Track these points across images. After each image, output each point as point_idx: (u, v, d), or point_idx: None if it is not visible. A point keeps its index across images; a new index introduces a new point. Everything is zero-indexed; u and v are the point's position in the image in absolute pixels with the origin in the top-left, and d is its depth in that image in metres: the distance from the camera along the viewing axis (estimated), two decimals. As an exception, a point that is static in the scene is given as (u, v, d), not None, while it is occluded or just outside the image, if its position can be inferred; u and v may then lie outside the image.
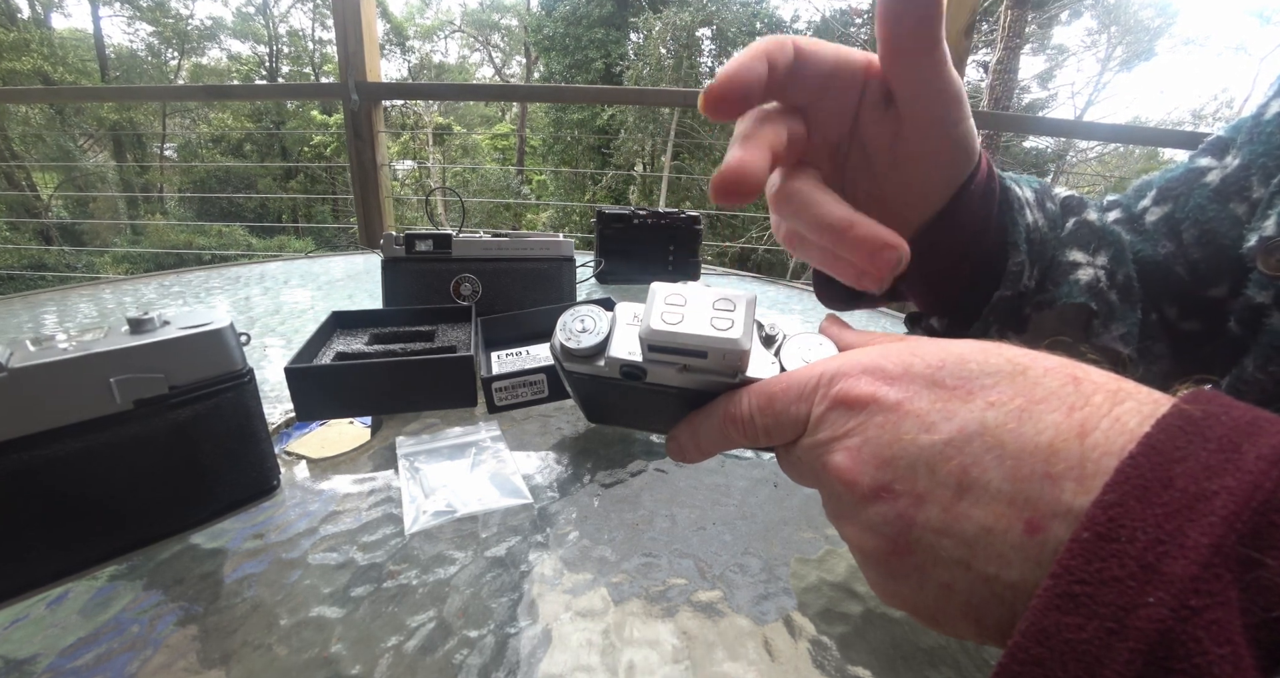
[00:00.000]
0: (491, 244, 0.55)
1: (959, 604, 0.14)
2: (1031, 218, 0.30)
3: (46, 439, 0.23)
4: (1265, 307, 0.26)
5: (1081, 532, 0.12)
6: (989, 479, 0.14)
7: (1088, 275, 0.30)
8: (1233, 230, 0.29)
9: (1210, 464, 0.11)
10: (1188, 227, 0.30)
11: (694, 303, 0.20)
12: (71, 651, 0.23)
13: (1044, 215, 0.31)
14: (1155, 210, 0.32)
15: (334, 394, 0.39)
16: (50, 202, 8.36)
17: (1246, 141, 0.29)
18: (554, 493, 0.34)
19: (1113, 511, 0.12)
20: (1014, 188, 0.30)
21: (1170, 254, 0.31)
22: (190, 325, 0.26)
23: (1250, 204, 0.28)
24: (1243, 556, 0.10)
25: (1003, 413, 0.14)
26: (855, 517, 0.16)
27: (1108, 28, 9.99)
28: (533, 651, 0.24)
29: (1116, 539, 0.11)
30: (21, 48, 8.05)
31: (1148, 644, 0.10)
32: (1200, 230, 0.30)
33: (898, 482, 0.15)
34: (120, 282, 0.78)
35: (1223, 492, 0.11)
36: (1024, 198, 0.30)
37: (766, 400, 0.19)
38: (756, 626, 0.25)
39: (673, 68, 8.71)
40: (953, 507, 0.14)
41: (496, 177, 9.20)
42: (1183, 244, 0.31)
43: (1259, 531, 0.11)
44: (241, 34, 11.58)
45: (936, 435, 0.15)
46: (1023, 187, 0.31)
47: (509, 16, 12.64)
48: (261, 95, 6.86)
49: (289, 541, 0.29)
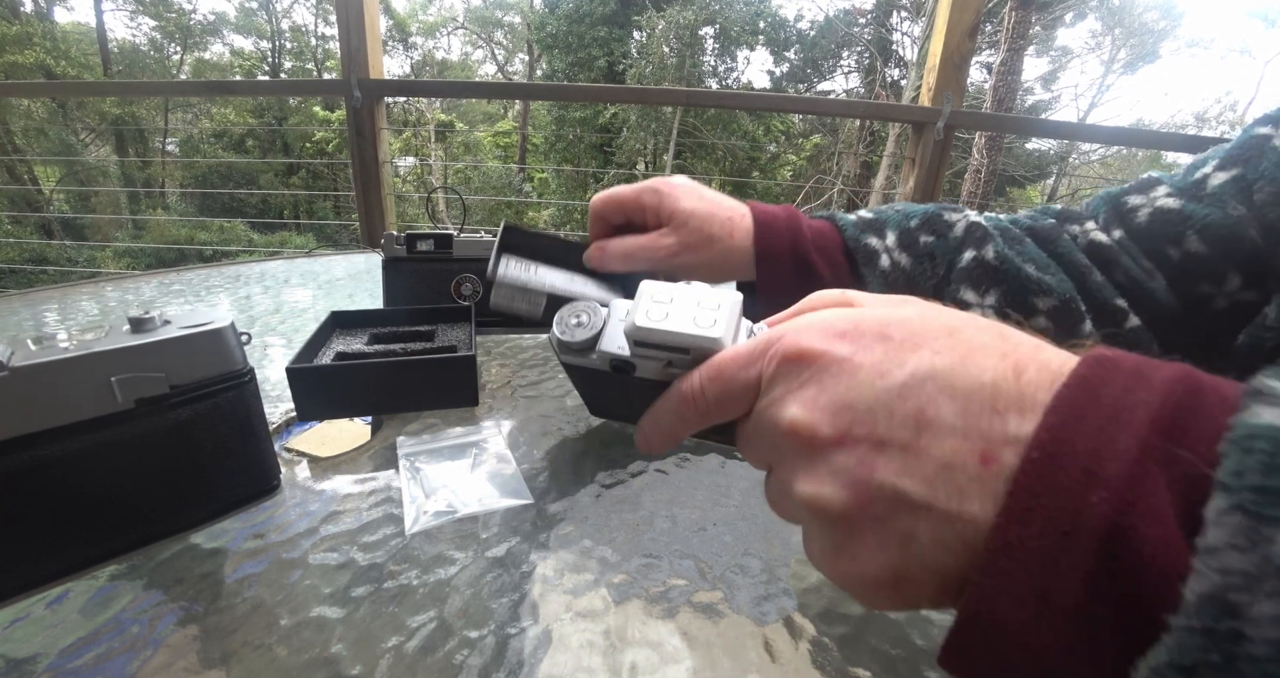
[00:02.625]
0: (492, 244, 0.55)
1: (920, 558, 0.15)
2: (887, 262, 0.36)
3: (47, 438, 0.23)
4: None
5: (1031, 452, 0.13)
6: (944, 417, 0.15)
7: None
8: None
9: (1128, 386, 0.13)
10: (1261, 186, 0.30)
11: (680, 301, 0.21)
12: (71, 650, 0.23)
13: (910, 254, 0.36)
14: (1219, 175, 0.32)
15: (335, 394, 0.39)
16: (52, 196, 8.36)
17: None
18: (554, 493, 0.34)
19: (1055, 432, 0.13)
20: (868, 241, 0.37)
21: (1243, 217, 0.31)
22: (191, 325, 0.26)
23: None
24: (1165, 452, 0.12)
25: (949, 358, 0.15)
26: (814, 469, 0.16)
27: (1112, 30, 9.97)
28: (533, 651, 0.24)
29: (1061, 454, 0.13)
30: (24, 41, 8.05)
31: (1097, 539, 0.12)
32: (1277, 188, 0.30)
33: (856, 426, 0.15)
34: (121, 279, 0.78)
35: (1140, 405, 0.13)
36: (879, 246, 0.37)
37: (715, 371, 0.19)
38: (757, 626, 0.25)
39: (675, 66, 8.69)
40: (912, 446, 0.15)
41: (498, 174, 9.20)
42: (1256, 206, 0.30)
43: (1173, 431, 0.12)
44: (244, 29, 11.57)
45: (891, 380, 0.15)
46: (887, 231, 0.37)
47: (512, 14, 12.62)
48: (264, 91, 6.85)
49: (289, 540, 0.29)
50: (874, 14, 9.74)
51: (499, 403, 0.44)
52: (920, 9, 8.21)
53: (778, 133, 9.59)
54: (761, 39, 10.11)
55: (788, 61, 10.57)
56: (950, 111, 1.40)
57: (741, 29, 9.56)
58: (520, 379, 0.48)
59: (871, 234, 0.37)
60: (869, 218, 0.38)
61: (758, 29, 9.94)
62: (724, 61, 10.33)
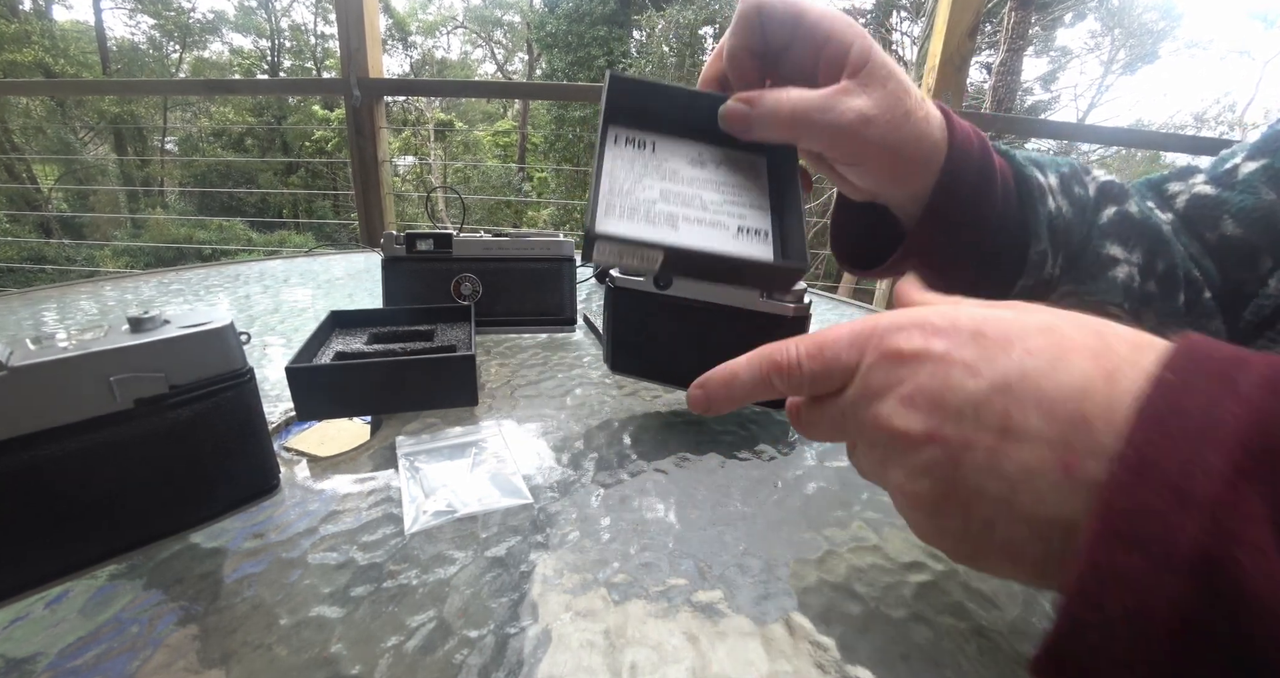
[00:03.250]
0: (492, 244, 0.55)
1: (999, 541, 0.15)
2: (1054, 205, 0.31)
3: (46, 438, 0.23)
4: None
5: (1118, 469, 0.13)
6: (1029, 421, 0.15)
7: (1124, 273, 0.31)
8: None
9: (1213, 395, 0.13)
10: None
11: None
12: (71, 650, 0.23)
13: (1070, 201, 0.31)
14: (1249, 164, 0.32)
15: (335, 394, 0.39)
16: (50, 194, 8.35)
17: None
18: (554, 493, 0.34)
19: (1142, 447, 0.13)
20: (1035, 175, 0.31)
21: (1274, 202, 0.31)
22: (191, 324, 0.26)
23: None
24: (1260, 473, 0.11)
25: (1040, 360, 0.15)
26: (904, 462, 0.17)
27: (1111, 30, 9.98)
28: (533, 651, 0.24)
29: (1149, 474, 0.12)
30: (23, 40, 8.03)
31: (1192, 568, 0.11)
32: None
33: (946, 425, 0.16)
34: (120, 279, 0.78)
35: (1230, 419, 0.12)
36: (1046, 185, 0.31)
37: (816, 348, 0.20)
38: (757, 626, 0.25)
39: (675, 66, 8.69)
40: (997, 448, 0.15)
41: (498, 173, 9.20)
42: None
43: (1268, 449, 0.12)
44: (243, 28, 11.56)
45: (981, 381, 0.16)
46: (1047, 172, 0.32)
47: (511, 13, 12.61)
48: (263, 90, 6.84)
49: (289, 540, 0.29)
50: (873, 14, 9.75)
51: (499, 403, 0.44)
52: (920, 9, 8.21)
53: (777, 132, 9.54)
54: (761, 38, 10.09)
55: (787, 61, 10.55)
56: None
57: (741, 28, 9.54)
58: (520, 379, 0.48)
59: (1035, 169, 0.31)
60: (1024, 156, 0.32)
61: (757, 28, 9.93)
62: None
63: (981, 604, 0.27)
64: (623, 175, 0.27)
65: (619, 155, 0.27)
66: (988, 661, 0.24)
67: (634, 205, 0.26)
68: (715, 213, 0.27)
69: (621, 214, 0.25)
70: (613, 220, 0.25)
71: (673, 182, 0.27)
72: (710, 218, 0.26)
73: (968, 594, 0.27)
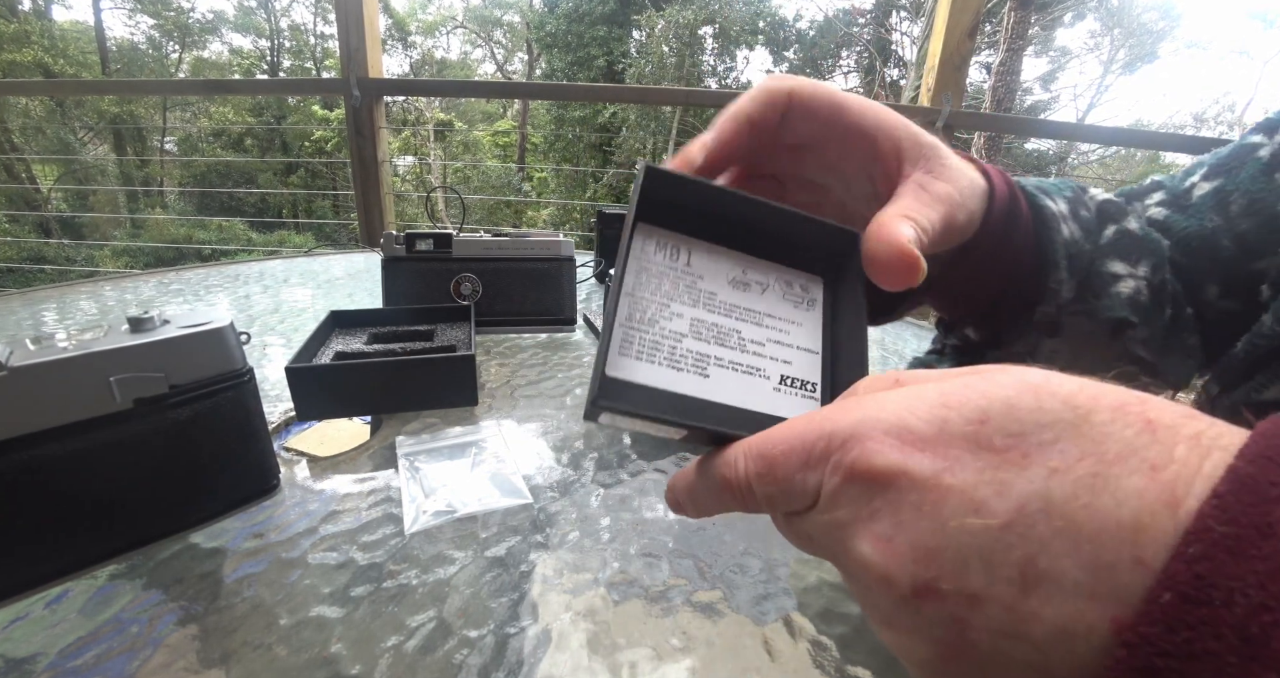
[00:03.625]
0: (492, 244, 0.55)
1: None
2: (1068, 232, 0.30)
3: (46, 438, 0.23)
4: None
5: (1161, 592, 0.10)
6: (1063, 570, 0.11)
7: (1129, 288, 0.30)
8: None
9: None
10: (1237, 198, 0.30)
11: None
12: (71, 650, 0.23)
13: (1079, 226, 0.31)
14: (1204, 185, 0.32)
15: (335, 394, 0.39)
16: (50, 194, 8.35)
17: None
18: (554, 493, 0.34)
19: (1199, 565, 0.10)
20: (1048, 204, 0.30)
21: (1217, 228, 0.31)
22: (190, 324, 0.26)
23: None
24: None
25: (1071, 482, 0.11)
26: (893, 620, 0.13)
27: (1111, 30, 9.98)
28: (533, 651, 0.24)
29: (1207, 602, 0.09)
30: (22, 40, 8.03)
31: None
32: (1249, 201, 0.30)
33: (944, 580, 0.12)
34: (120, 279, 0.78)
35: None
36: (1058, 212, 0.30)
37: (765, 466, 0.16)
38: (756, 626, 0.25)
39: (675, 66, 8.69)
40: (1019, 606, 0.11)
41: (498, 173, 9.20)
42: (1230, 217, 0.31)
43: None
44: (243, 28, 11.55)
45: (990, 518, 0.12)
46: (1056, 199, 0.31)
47: (511, 13, 12.61)
48: (263, 90, 6.84)
49: (289, 540, 0.29)
50: (873, 14, 9.75)
51: (498, 402, 0.44)
52: (919, 9, 8.21)
53: (777, 132, 9.55)
54: (761, 39, 10.11)
55: (787, 61, 10.57)
56: (949, 112, 1.40)
57: (741, 29, 9.56)
58: (520, 379, 0.48)
59: (1045, 198, 0.30)
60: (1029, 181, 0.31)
61: (757, 29, 9.94)
62: (723, 61, 10.33)
63: (981, 604, 0.27)
64: (648, 295, 0.22)
65: (646, 266, 0.22)
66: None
67: (657, 340, 0.21)
68: (756, 356, 0.22)
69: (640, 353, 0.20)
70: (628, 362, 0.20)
71: (708, 309, 0.22)
72: (749, 362, 0.21)
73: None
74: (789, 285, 0.23)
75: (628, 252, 0.21)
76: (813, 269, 0.24)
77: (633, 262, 0.22)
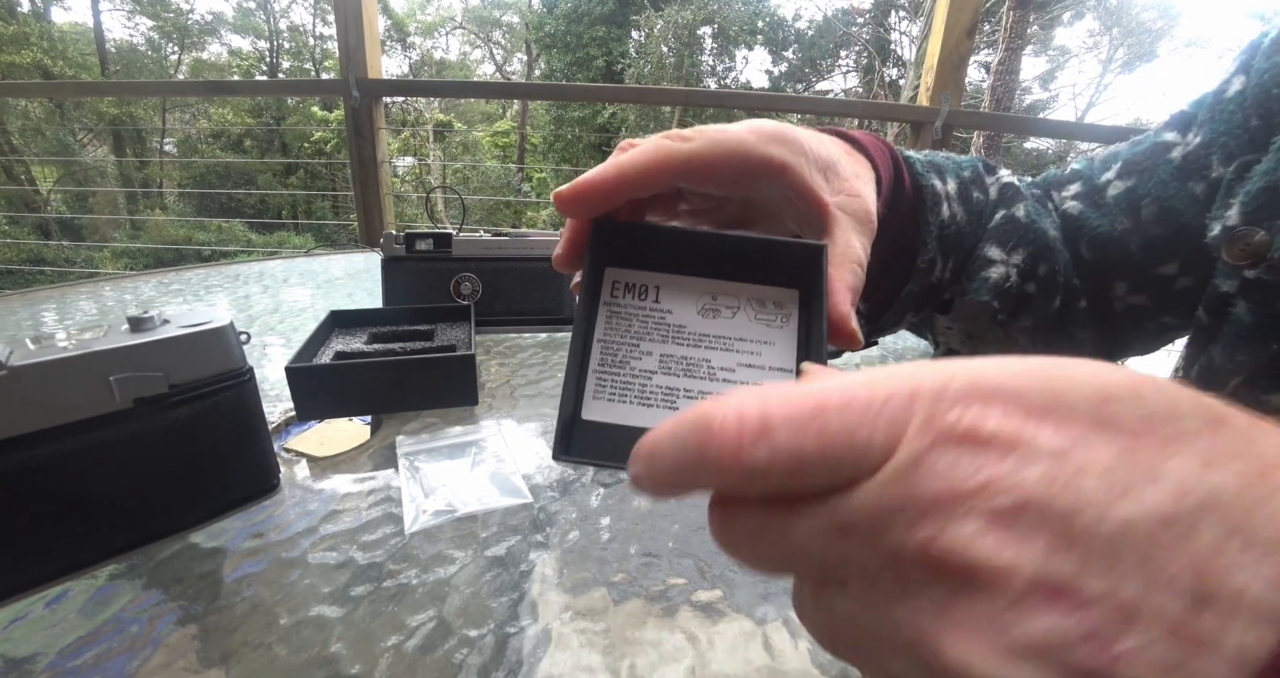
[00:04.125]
0: (492, 243, 0.55)
1: None
2: (948, 213, 0.30)
3: (46, 438, 0.23)
4: (1230, 296, 0.26)
5: None
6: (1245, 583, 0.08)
7: (998, 273, 0.30)
8: (1190, 209, 0.29)
9: None
10: (1148, 203, 0.31)
11: None
12: (71, 650, 0.23)
13: (965, 208, 0.31)
14: (1119, 184, 0.33)
15: (335, 393, 0.39)
16: (50, 196, 8.35)
17: (1208, 119, 0.29)
18: (554, 493, 0.34)
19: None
20: (933, 183, 0.30)
21: (1126, 230, 0.31)
22: (190, 324, 0.26)
23: (1209, 184, 0.28)
24: None
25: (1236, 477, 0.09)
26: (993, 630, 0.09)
27: (1110, 29, 9.98)
28: (533, 650, 0.24)
29: None
30: (21, 41, 8.02)
31: None
32: (1160, 207, 0.30)
33: (1088, 578, 0.09)
34: (120, 279, 0.78)
35: None
36: (942, 192, 0.30)
37: (809, 411, 0.11)
38: (756, 625, 0.25)
39: (674, 66, 8.70)
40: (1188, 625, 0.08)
41: (497, 174, 9.20)
42: (1140, 221, 0.31)
43: None
44: (242, 29, 11.56)
45: (1140, 504, 0.09)
46: (947, 178, 0.31)
47: (510, 13, 12.62)
48: (262, 91, 6.84)
49: (289, 540, 0.29)
50: (872, 13, 9.75)
51: (498, 402, 0.44)
52: (918, 8, 8.21)
53: (776, 132, 9.55)
54: (760, 39, 10.12)
55: (786, 61, 10.58)
56: (948, 111, 1.40)
57: (740, 29, 9.56)
58: (519, 378, 0.48)
59: (935, 175, 0.30)
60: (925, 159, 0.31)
61: (756, 28, 9.94)
62: (722, 61, 10.34)
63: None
64: (618, 338, 0.22)
65: (616, 311, 0.22)
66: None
67: (628, 381, 0.22)
68: (725, 382, 0.22)
69: (612, 395, 0.21)
70: (600, 404, 0.21)
71: (677, 343, 0.22)
72: (717, 390, 0.21)
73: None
74: (761, 304, 0.23)
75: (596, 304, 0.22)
76: (786, 283, 0.23)
77: (603, 307, 0.22)
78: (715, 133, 0.21)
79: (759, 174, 0.22)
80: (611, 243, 0.22)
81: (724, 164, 0.21)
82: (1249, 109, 0.27)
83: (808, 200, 0.23)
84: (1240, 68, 0.29)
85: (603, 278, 0.23)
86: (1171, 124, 0.32)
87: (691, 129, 0.21)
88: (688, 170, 0.21)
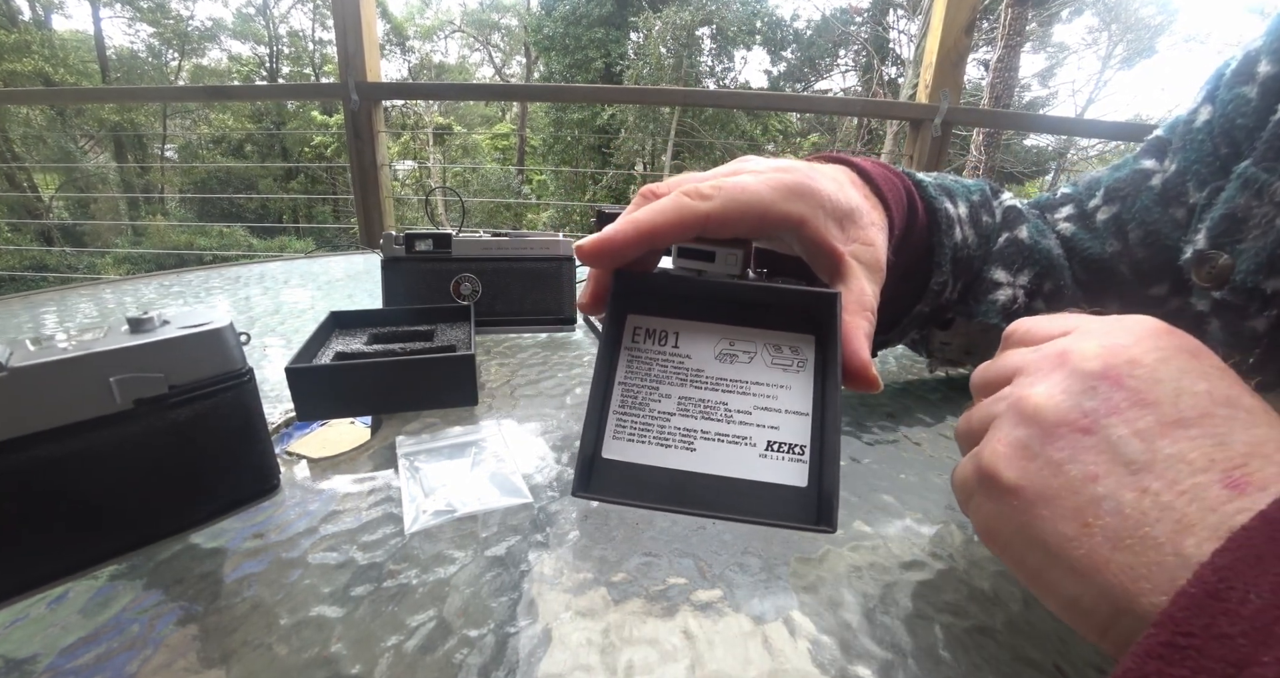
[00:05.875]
0: (491, 244, 0.55)
1: (1103, 536, 0.15)
2: (960, 236, 0.32)
3: (46, 439, 0.23)
4: (1205, 315, 0.28)
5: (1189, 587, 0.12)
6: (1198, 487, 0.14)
7: (1005, 296, 0.32)
8: (1174, 232, 0.30)
9: None
10: (1134, 228, 0.32)
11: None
12: (71, 650, 0.23)
13: (976, 231, 0.33)
14: (1105, 209, 0.34)
15: (335, 394, 0.39)
16: (51, 203, 8.37)
17: (1180, 148, 0.31)
18: (554, 493, 0.34)
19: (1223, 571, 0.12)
20: (946, 207, 0.31)
21: (1116, 253, 0.33)
22: (190, 325, 0.26)
23: (1188, 208, 0.30)
24: None
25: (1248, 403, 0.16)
26: (1041, 373, 0.18)
27: (1109, 25, 9.97)
28: (533, 650, 0.24)
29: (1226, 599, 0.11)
30: (23, 49, 8.06)
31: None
32: (1145, 232, 0.31)
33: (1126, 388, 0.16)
34: (120, 282, 0.78)
35: None
36: (955, 215, 0.31)
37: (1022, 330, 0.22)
38: (756, 625, 0.25)
39: (673, 67, 8.71)
40: (1166, 432, 0.15)
41: (497, 176, 9.21)
42: (1128, 244, 0.32)
43: None
44: (241, 35, 11.59)
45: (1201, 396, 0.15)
46: (958, 202, 0.32)
47: (509, 16, 12.64)
48: (262, 96, 6.87)
49: (289, 540, 0.29)
50: (870, 12, 9.76)
51: (498, 402, 0.44)
52: (917, 6, 8.21)
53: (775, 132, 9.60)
54: (758, 39, 10.13)
55: (785, 61, 10.59)
56: (947, 108, 1.40)
57: (738, 29, 9.57)
58: (520, 378, 0.48)
59: (946, 199, 0.32)
60: (935, 181, 0.33)
61: (755, 29, 9.95)
62: (721, 62, 10.35)
63: (982, 604, 0.27)
64: (638, 381, 0.23)
65: (636, 355, 0.23)
66: (988, 659, 0.24)
67: (647, 422, 0.22)
68: (742, 424, 0.22)
69: (632, 435, 0.22)
70: (620, 443, 0.22)
71: (695, 386, 0.23)
72: (735, 432, 0.22)
73: (968, 593, 0.27)
74: (778, 349, 0.23)
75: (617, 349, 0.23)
76: (802, 329, 0.24)
77: (625, 352, 0.23)
78: (735, 191, 0.22)
79: (778, 228, 0.23)
80: (633, 291, 0.23)
81: (742, 222, 0.22)
82: (1217, 138, 0.28)
83: (823, 250, 0.24)
84: (1207, 97, 0.30)
85: (624, 324, 0.23)
86: (1149, 150, 0.33)
87: (710, 184, 0.22)
88: (705, 228, 0.22)
